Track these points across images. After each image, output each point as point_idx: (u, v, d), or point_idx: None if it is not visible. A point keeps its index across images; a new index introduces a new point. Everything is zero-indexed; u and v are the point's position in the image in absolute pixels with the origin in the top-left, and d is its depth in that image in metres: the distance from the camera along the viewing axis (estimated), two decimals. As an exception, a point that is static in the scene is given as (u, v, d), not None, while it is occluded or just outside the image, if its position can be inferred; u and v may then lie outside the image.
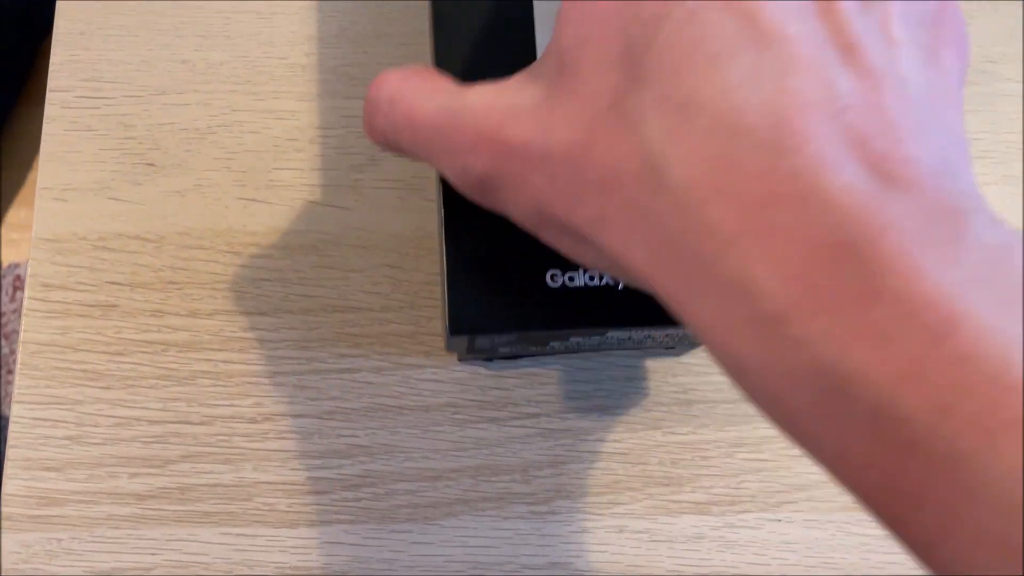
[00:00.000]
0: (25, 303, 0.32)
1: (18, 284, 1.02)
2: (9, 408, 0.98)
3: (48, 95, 0.34)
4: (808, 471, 0.31)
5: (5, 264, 1.03)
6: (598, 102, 0.18)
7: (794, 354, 0.15)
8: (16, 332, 1.00)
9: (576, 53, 0.19)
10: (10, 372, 0.99)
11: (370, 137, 0.23)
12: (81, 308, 0.32)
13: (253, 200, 0.33)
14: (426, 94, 0.22)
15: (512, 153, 0.20)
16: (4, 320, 1.01)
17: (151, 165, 0.33)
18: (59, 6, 0.35)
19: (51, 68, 0.34)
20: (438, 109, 0.21)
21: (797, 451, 0.31)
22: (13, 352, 1.00)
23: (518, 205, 0.20)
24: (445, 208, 0.25)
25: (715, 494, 0.31)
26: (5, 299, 1.01)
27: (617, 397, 0.32)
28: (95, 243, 0.32)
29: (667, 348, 0.31)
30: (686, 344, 0.31)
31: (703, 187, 0.16)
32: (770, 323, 0.16)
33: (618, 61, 0.18)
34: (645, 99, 0.17)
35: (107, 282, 0.32)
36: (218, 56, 0.34)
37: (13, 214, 1.06)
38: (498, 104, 0.20)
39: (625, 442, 0.31)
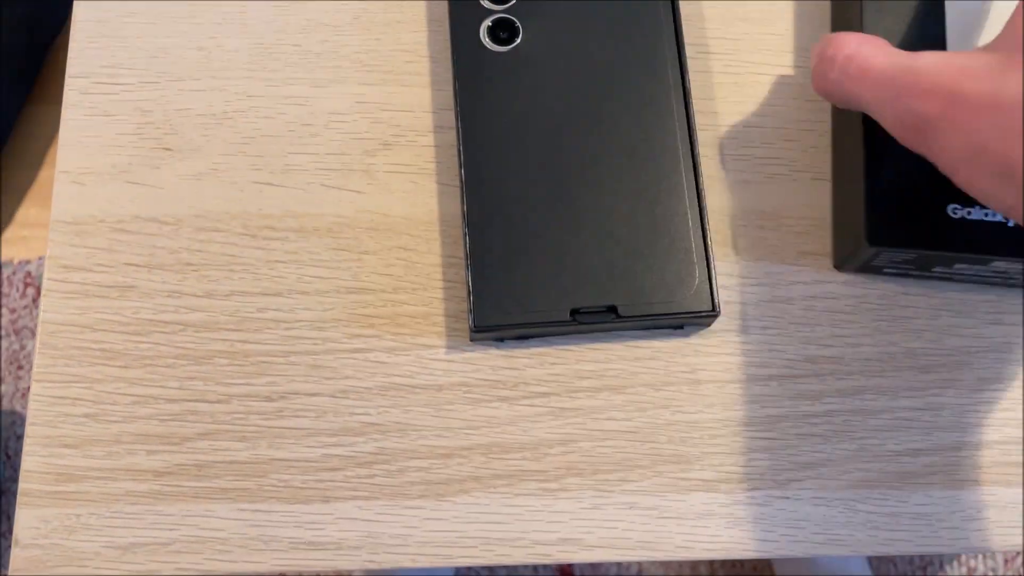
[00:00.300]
0: (44, 284, 0.32)
1: (29, 281, 1.03)
2: (14, 404, 0.98)
3: (67, 81, 0.35)
4: (815, 450, 0.31)
5: (16, 261, 1.04)
6: None
7: None
8: (27, 328, 1.01)
9: None
10: (20, 368, 1.00)
11: (818, 88, 0.29)
12: (99, 289, 0.32)
13: (268, 184, 0.34)
14: (881, 53, 0.27)
15: (964, 100, 0.24)
16: (15, 316, 1.01)
17: (168, 149, 0.34)
18: (78, -6, 0.35)
19: (70, 56, 0.35)
20: (892, 63, 0.27)
21: (805, 430, 0.32)
22: (23, 348, 1.00)
23: (952, 148, 0.25)
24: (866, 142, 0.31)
25: (724, 472, 0.31)
26: (16, 295, 1.02)
27: (626, 377, 0.32)
28: (113, 225, 0.33)
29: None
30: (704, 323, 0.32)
31: None
32: None
33: None
34: None
35: (125, 263, 0.33)
36: (234, 43, 0.35)
37: (23, 213, 1.07)
38: (952, 63, 0.25)
39: (635, 421, 0.32)
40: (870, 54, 0.28)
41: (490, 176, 0.32)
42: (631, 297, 0.31)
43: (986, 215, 0.30)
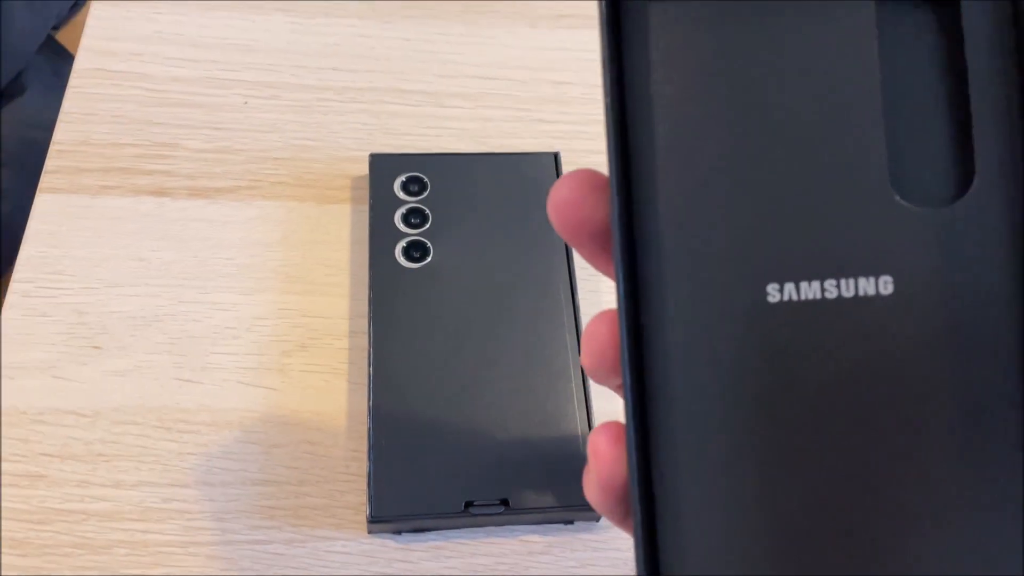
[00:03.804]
0: (-45, 471, 0.33)
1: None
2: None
3: (11, 285, 0.38)
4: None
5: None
6: None
7: None
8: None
9: None
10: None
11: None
12: (10, 478, 0.33)
13: (188, 380, 0.36)
14: None
15: None
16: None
17: (97, 348, 0.36)
18: (35, 209, 0.39)
19: (18, 262, 0.38)
20: None
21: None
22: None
23: None
24: None
25: (611, 669, 0.32)
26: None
27: (519, 570, 0.33)
28: (33, 417, 0.35)
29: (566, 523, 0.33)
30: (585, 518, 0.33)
31: None
32: None
33: None
34: None
35: (40, 453, 0.34)
36: (171, 256, 0.39)
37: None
38: None
39: (525, 615, 0.32)
40: None
41: (396, 376, 0.35)
42: (523, 491, 0.33)
43: None
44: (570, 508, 0.33)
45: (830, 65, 0.17)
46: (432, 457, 0.33)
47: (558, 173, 0.41)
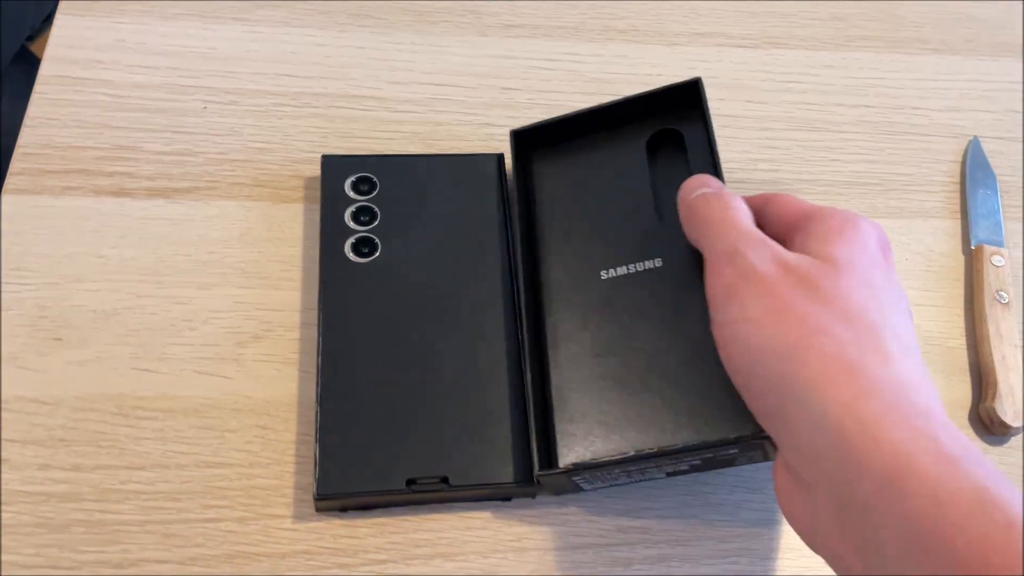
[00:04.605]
0: (-80, 456, 0.35)
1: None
2: None
3: (-24, 281, 0.39)
4: (629, 614, 0.34)
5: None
6: None
7: None
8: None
9: None
10: None
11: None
12: (-28, 462, 0.35)
13: (146, 370, 0.38)
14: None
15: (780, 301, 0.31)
16: None
17: (58, 340, 0.38)
18: (4, 208, 0.41)
19: (-17, 259, 0.40)
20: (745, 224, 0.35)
21: (618, 595, 0.35)
22: None
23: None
24: None
25: (544, 635, 0.34)
26: None
27: (458, 545, 0.35)
28: (-4, 404, 0.36)
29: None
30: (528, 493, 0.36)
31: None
32: None
33: None
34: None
35: (3, 439, 0.36)
36: (131, 252, 0.41)
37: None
38: (779, 261, 0.32)
39: (463, 586, 0.34)
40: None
41: (343, 363, 0.37)
42: (462, 469, 0.35)
43: None
44: (507, 485, 0.35)
45: (625, 173, 0.41)
46: (376, 439, 0.35)
47: (501, 173, 0.43)
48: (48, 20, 0.95)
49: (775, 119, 0.50)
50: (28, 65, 0.88)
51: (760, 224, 0.34)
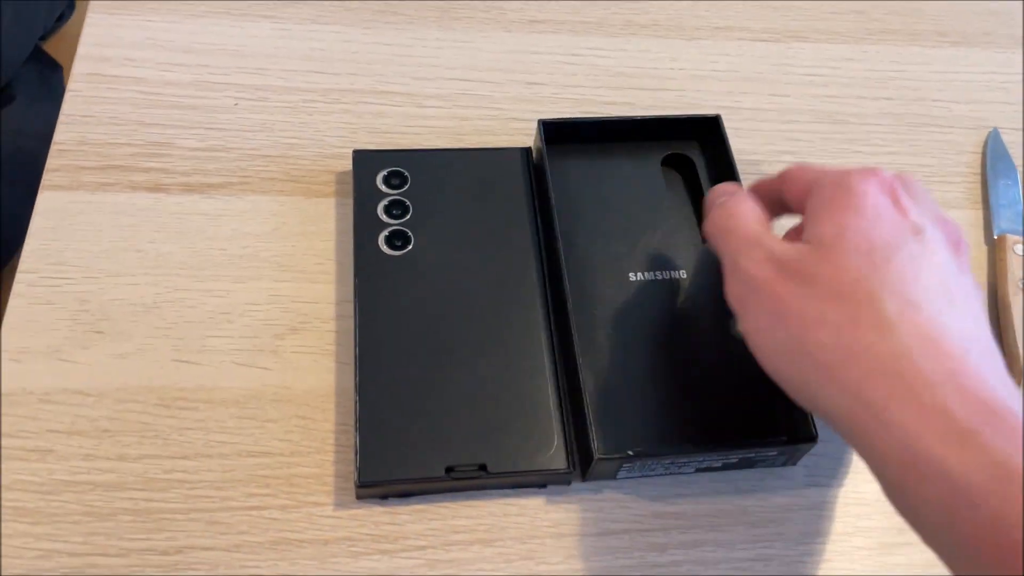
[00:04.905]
0: (-31, 447, 0.35)
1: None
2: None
3: (17, 276, 0.40)
4: (665, 598, 0.35)
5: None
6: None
7: None
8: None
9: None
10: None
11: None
12: (20, 452, 0.36)
13: (186, 362, 0.38)
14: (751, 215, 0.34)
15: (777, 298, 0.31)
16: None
17: (99, 333, 0.39)
18: (37, 206, 0.42)
19: (23, 255, 0.41)
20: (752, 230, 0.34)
21: (654, 579, 0.35)
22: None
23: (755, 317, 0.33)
24: None
25: (582, 618, 0.34)
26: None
27: (496, 531, 0.36)
28: (41, 396, 0.37)
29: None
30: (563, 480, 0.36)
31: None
32: None
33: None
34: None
35: (47, 430, 0.36)
36: (168, 248, 0.41)
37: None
38: (774, 256, 0.32)
39: (502, 571, 0.35)
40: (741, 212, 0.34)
41: (380, 354, 0.37)
42: (500, 457, 0.36)
43: None
44: (543, 472, 0.36)
45: (643, 185, 0.44)
46: (415, 427, 0.36)
47: (528, 166, 0.43)
48: (61, 19, 0.95)
49: (798, 112, 0.50)
50: (41, 64, 0.88)
51: (785, 200, 0.35)
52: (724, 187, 0.37)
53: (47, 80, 0.87)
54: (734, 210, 0.34)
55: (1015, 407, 0.26)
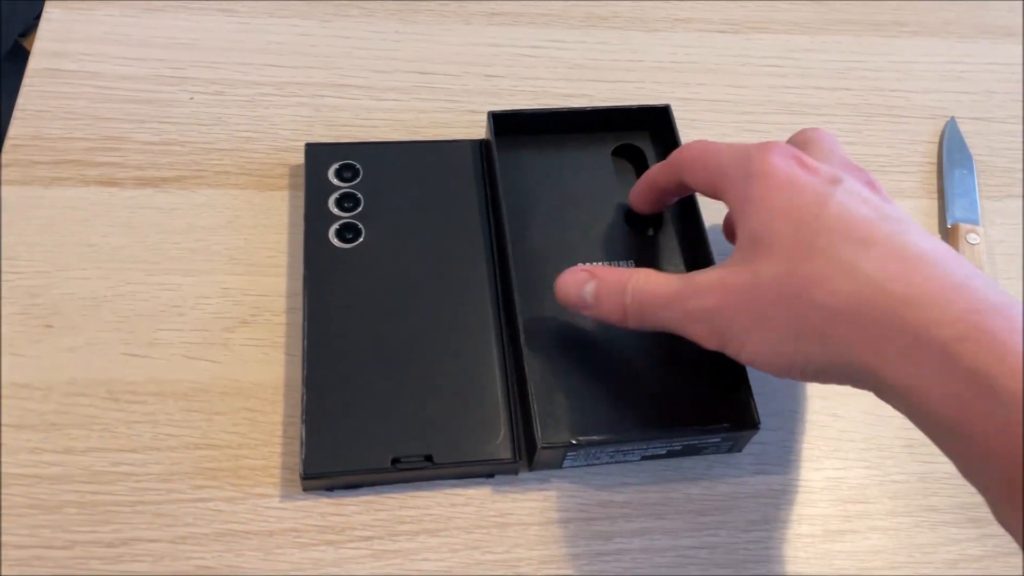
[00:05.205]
0: (-85, 441, 0.36)
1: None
2: None
3: (-33, 270, 0.40)
4: (610, 586, 0.35)
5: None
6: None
7: None
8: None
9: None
10: None
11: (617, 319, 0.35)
12: (-33, 446, 0.36)
13: (136, 355, 0.38)
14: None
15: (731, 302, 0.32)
16: None
17: (49, 327, 0.39)
18: (-10, 200, 0.42)
19: (-26, 249, 0.41)
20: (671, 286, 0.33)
21: (597, 567, 0.36)
22: None
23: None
24: None
25: (526, 607, 0.35)
26: None
27: (442, 521, 0.36)
28: (-11, 390, 0.37)
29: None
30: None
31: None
32: None
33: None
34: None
35: (-5, 424, 0.36)
36: (120, 241, 0.41)
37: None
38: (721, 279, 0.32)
39: (447, 561, 0.35)
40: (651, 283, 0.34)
41: (328, 346, 0.38)
42: (446, 448, 0.36)
43: None
44: (489, 462, 0.36)
45: (594, 176, 0.44)
46: (361, 419, 0.36)
47: (481, 159, 0.44)
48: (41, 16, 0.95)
49: (755, 103, 0.50)
50: (21, 61, 0.88)
51: (687, 184, 0.37)
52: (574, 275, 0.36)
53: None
54: (635, 286, 0.34)
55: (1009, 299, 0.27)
